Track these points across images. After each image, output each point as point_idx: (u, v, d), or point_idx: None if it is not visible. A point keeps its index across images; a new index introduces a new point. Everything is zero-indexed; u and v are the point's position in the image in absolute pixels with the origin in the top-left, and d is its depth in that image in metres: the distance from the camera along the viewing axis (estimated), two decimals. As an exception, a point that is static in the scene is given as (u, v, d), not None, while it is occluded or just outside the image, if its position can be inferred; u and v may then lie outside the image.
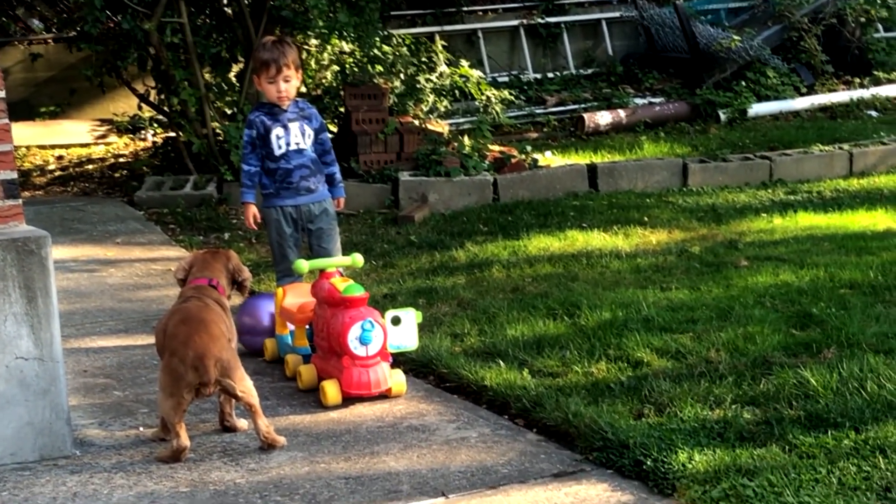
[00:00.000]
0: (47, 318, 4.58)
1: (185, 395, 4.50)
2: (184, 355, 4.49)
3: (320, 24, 9.68)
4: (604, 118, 12.17)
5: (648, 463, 4.17)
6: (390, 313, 5.31)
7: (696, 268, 7.11)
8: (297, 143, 5.95)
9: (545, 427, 4.73)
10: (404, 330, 5.34)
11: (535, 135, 12.01)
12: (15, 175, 4.66)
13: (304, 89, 10.87)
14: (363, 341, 5.08)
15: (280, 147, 5.93)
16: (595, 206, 9.00)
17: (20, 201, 4.70)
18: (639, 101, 12.83)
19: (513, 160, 9.81)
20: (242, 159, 6.05)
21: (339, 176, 6.15)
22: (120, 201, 9.96)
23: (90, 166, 11.55)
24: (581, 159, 10.57)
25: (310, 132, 5.98)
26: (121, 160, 11.75)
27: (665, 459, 4.16)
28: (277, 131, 5.92)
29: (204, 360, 4.48)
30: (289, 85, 5.86)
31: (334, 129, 10.59)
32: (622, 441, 4.34)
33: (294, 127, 5.94)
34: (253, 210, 6.04)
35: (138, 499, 4.22)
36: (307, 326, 5.59)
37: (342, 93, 10.28)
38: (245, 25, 9.78)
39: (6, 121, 4.64)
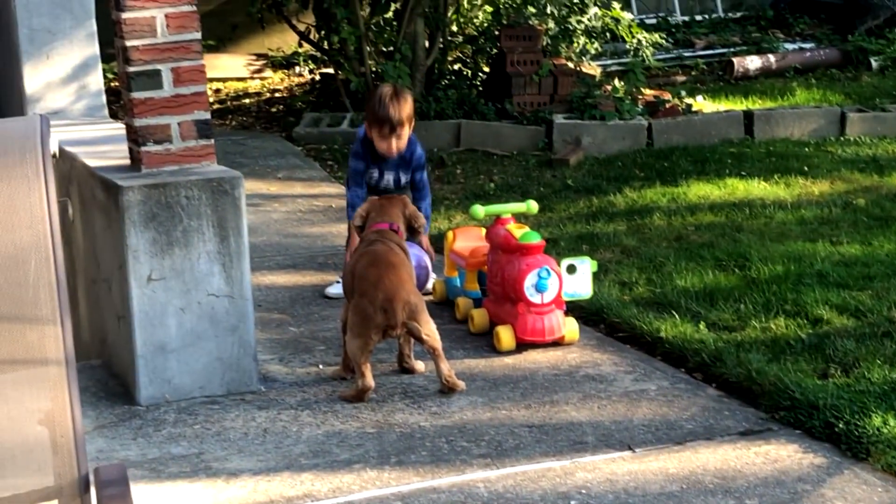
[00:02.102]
0: (238, 257, 4.68)
1: (372, 336, 4.57)
2: (373, 297, 4.55)
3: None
4: (753, 63, 11.95)
5: (840, 426, 4.13)
6: (566, 261, 5.31)
7: (864, 221, 6.96)
8: (386, 186, 5.83)
9: (726, 382, 4.70)
10: (579, 278, 5.34)
11: (682, 78, 11.85)
12: (208, 115, 4.76)
13: (455, 28, 10.87)
14: (539, 289, 5.09)
15: (371, 181, 5.84)
16: (752, 154, 8.85)
17: (212, 141, 4.79)
18: (789, 46, 12.55)
19: (666, 104, 9.69)
20: (348, 185, 5.94)
21: (426, 211, 5.81)
22: (278, 136, 10.08)
23: (247, 100, 11.70)
24: (732, 104, 10.40)
25: (405, 178, 5.83)
26: (276, 95, 11.88)
27: (858, 423, 4.11)
28: (372, 172, 5.81)
29: (393, 302, 4.54)
30: (400, 140, 5.64)
31: (486, 69, 10.57)
32: (811, 402, 4.29)
33: (389, 175, 5.82)
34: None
35: (327, 437, 4.31)
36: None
37: (496, 33, 10.24)
38: (405, -35, 9.78)
39: (201, 62, 4.72)
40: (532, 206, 5.64)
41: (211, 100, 11.58)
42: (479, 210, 5.52)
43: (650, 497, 3.80)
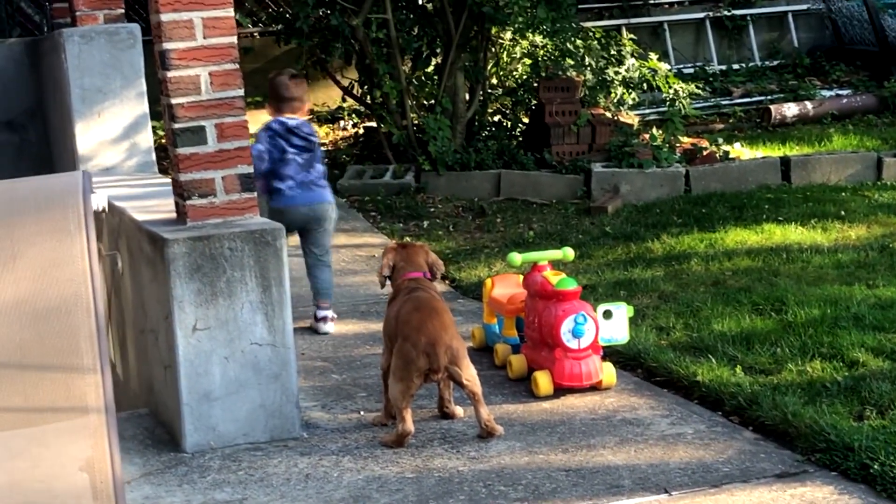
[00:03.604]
0: (280, 307, 4.79)
1: (414, 380, 4.66)
2: (416, 341, 4.65)
3: (520, 20, 9.81)
4: (790, 110, 12.03)
5: (875, 467, 4.16)
6: (602, 307, 5.39)
7: (901, 265, 7.01)
8: None
9: (762, 425, 4.74)
10: (615, 324, 5.41)
11: (720, 126, 11.95)
12: (251, 169, 4.89)
13: (495, 81, 11.04)
14: (576, 334, 5.17)
15: None
16: (790, 200, 8.92)
17: (255, 194, 4.92)
18: (825, 93, 12.64)
19: (704, 152, 9.78)
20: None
21: None
22: (323, 188, 10.25)
23: (293, 154, 11.91)
24: (769, 151, 10.48)
25: None
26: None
27: (893, 464, 4.14)
28: None
29: (435, 346, 4.64)
30: None
31: (526, 120, 10.71)
32: (846, 444, 4.33)
33: None
34: None
35: (367, 482, 4.39)
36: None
37: (535, 85, 10.40)
38: (445, 21, 9.96)
39: (244, 118, 4.86)
40: (568, 253, 5.73)
41: (256, 154, 11.81)
42: (517, 257, 5.61)
43: (686, 538, 3.86)
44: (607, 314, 5.39)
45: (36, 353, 2.31)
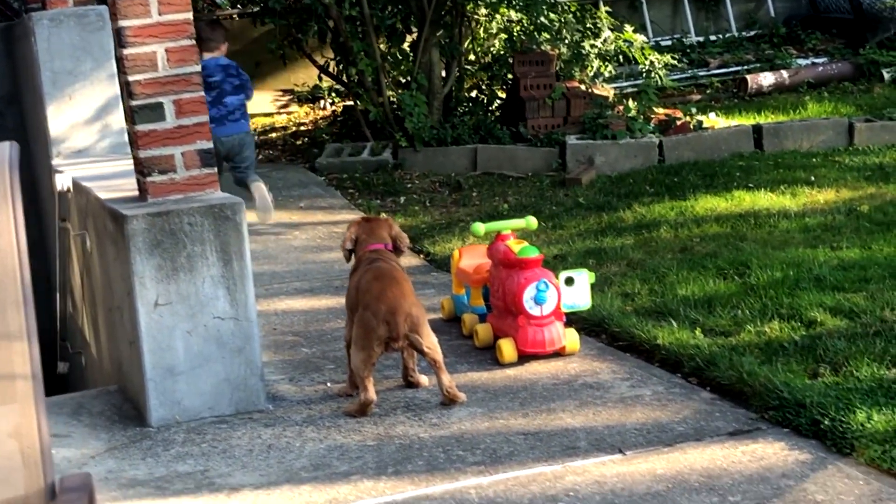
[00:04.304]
0: (242, 280, 4.84)
1: (375, 348, 4.71)
2: (376, 309, 4.71)
3: (491, -5, 9.88)
4: (766, 79, 12.10)
5: (826, 422, 4.22)
6: (564, 274, 5.44)
7: (866, 227, 7.06)
8: None
9: (719, 385, 4.80)
10: (577, 290, 5.47)
11: (697, 97, 12.01)
12: (210, 145, 4.93)
13: (472, 57, 11.09)
14: (538, 301, 5.22)
15: None
16: (761, 167, 8.98)
17: (215, 169, 4.97)
18: (801, 61, 12.70)
19: (678, 122, 9.83)
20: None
21: None
22: (302, 167, 10.36)
23: (273, 135, 11.98)
24: (745, 120, 10.53)
25: None
26: (302, 128, 12.16)
27: (843, 419, 4.21)
28: None
29: (395, 314, 4.69)
30: None
31: (503, 95, 10.76)
32: (798, 400, 4.39)
33: None
34: None
35: (328, 451, 4.45)
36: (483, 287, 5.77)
37: (510, 60, 10.44)
38: (418, -3, 10.02)
39: (202, 93, 4.90)
40: (531, 221, 5.78)
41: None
42: (480, 227, 5.66)
43: (636, 497, 3.91)
44: (569, 281, 5.44)
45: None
